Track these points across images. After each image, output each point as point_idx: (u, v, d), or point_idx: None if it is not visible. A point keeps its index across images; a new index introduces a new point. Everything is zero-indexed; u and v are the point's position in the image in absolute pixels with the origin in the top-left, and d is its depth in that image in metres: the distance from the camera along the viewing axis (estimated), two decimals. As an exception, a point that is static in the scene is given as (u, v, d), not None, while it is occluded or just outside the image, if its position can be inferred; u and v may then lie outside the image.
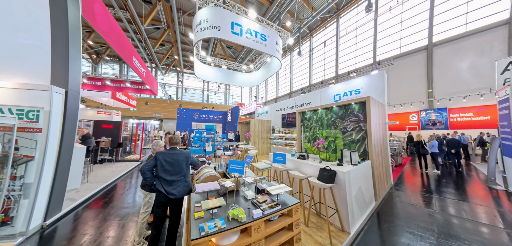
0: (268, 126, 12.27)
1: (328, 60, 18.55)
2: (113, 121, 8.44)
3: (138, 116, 27.90)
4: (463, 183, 5.96)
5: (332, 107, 5.43)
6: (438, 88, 12.08)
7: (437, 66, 12.08)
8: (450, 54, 11.67)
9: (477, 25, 10.93)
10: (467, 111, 11.13)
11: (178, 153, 2.41)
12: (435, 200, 4.64)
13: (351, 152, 3.74)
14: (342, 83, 7.80)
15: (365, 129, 4.64)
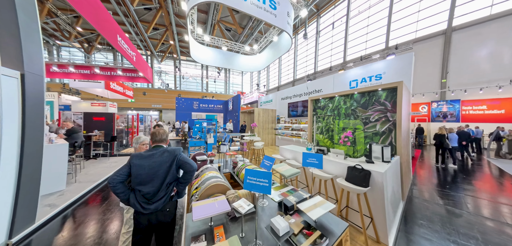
0: (272, 115, 11.70)
1: (336, 44, 17.53)
2: (105, 113, 7.84)
3: (137, 108, 27.30)
4: (486, 179, 5.56)
5: (353, 94, 4.83)
6: (453, 78, 11.39)
7: (455, 53, 11.26)
8: (469, 40, 10.81)
9: (503, 7, 9.95)
10: (481, 104, 10.66)
11: (161, 154, 1.74)
12: (463, 199, 4.22)
13: (383, 147, 3.20)
14: (360, 67, 7.09)
15: (392, 119, 4.08)
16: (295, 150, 4.44)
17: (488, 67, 10.32)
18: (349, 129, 5.01)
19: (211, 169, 2.65)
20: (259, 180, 1.46)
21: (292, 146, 4.95)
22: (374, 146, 3.34)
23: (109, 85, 11.35)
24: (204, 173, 2.45)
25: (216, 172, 2.51)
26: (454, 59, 11.33)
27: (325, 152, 3.83)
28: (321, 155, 2.18)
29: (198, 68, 30.32)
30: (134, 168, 1.62)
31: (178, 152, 1.78)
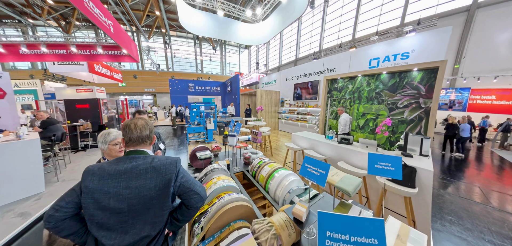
0: (276, 97, 11.20)
1: (345, 17, 16.16)
2: (89, 99, 7.20)
3: (129, 93, 26.21)
4: (496, 170, 5.46)
5: (380, 74, 4.36)
6: (468, 64, 10.67)
7: (475, 35, 10.35)
8: (492, 20, 9.89)
9: None
10: (490, 94, 10.36)
11: (141, 174, 0.98)
12: (482, 192, 4.03)
13: (423, 138, 2.82)
14: (383, 43, 6.44)
15: (425, 106, 3.68)
16: (311, 137, 4.05)
17: (508, 53, 9.71)
18: (369, 116, 4.60)
19: (219, 172, 1.98)
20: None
21: (305, 133, 4.56)
22: (411, 136, 2.96)
23: (93, 68, 10.46)
24: (211, 180, 1.72)
25: (227, 177, 1.90)
26: (473, 42, 10.52)
27: (350, 141, 3.45)
28: (399, 158, 1.64)
29: (191, 45, 28.82)
30: (87, 198, 0.90)
31: (174, 169, 1.03)
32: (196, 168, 2.56)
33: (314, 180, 1.38)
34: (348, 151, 3.20)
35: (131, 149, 1.06)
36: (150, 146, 1.15)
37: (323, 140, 3.80)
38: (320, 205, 1.61)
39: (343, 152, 3.29)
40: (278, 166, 2.01)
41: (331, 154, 3.55)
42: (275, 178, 1.83)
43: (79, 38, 8.50)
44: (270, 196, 1.80)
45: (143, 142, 1.08)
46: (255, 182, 2.09)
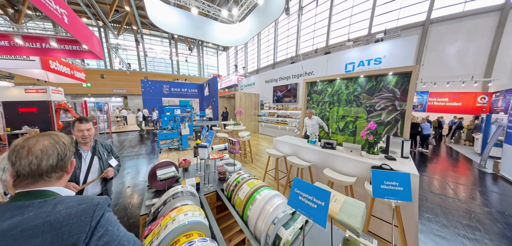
0: (255, 100, 10.95)
1: (319, 25, 16.97)
2: (38, 101, 6.00)
3: (96, 94, 23.50)
4: (460, 166, 6.04)
5: (358, 78, 4.35)
6: (426, 71, 12.17)
7: (430, 46, 11.93)
8: (443, 35, 11.55)
9: (473, 5, 10.75)
10: (444, 97, 11.93)
11: (31, 231, 0.54)
12: (448, 185, 4.34)
13: (404, 140, 2.78)
14: (358, 49, 6.70)
15: (400, 108, 3.74)
16: (293, 142, 3.84)
17: (455, 63, 11.40)
18: (348, 118, 4.56)
19: (184, 197, 1.49)
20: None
21: (287, 137, 4.35)
22: (393, 139, 2.91)
23: (48, 65, 8.92)
24: (169, 214, 1.23)
25: (193, 205, 1.38)
26: (429, 52, 12.05)
27: (334, 146, 3.30)
28: (407, 176, 1.31)
29: (166, 45, 27.22)
30: None
31: (86, 224, 0.59)
32: (157, 189, 2.06)
33: (311, 216, 0.99)
34: (332, 156, 3.03)
35: (20, 191, 0.63)
36: (62, 180, 0.72)
37: (306, 145, 3.61)
38: (314, 238, 1.29)
39: (327, 157, 3.12)
40: (260, 185, 1.65)
41: (315, 159, 3.36)
42: (256, 202, 1.46)
43: (32, 29, 7.13)
44: (249, 230, 1.39)
45: (42, 177, 0.66)
46: (230, 208, 1.67)
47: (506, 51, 10.22)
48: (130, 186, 4.07)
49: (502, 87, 9.89)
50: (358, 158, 2.75)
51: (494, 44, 10.45)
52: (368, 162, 2.56)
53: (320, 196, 0.99)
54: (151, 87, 17.21)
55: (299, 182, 1.10)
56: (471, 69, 11.07)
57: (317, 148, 3.36)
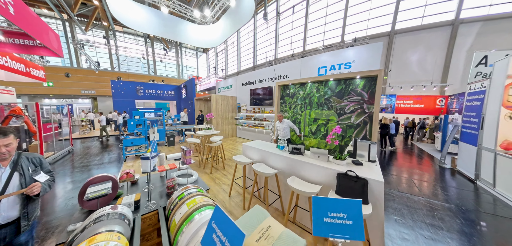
0: (233, 103, 10.59)
1: (296, 31, 17.39)
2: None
3: (60, 95, 21.06)
4: (423, 163, 6.42)
5: (328, 81, 4.26)
6: (392, 76, 13.33)
7: (395, 54, 13.10)
8: (406, 44, 12.77)
9: (429, 20, 12.09)
10: (409, 99, 13.10)
11: None
12: (413, 182, 4.46)
13: (371, 144, 2.67)
14: (329, 54, 6.79)
15: (368, 111, 3.71)
16: (262, 148, 3.58)
17: (417, 69, 12.71)
18: (320, 121, 4.48)
19: (109, 221, 1.20)
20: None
21: (257, 142, 4.08)
22: (360, 142, 2.78)
23: None
24: None
25: (115, 233, 1.10)
26: (395, 59, 13.25)
27: (301, 151, 3.10)
28: (358, 204, 0.99)
29: (141, 44, 25.59)
30: None
31: None
32: (89, 210, 1.70)
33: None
34: (299, 163, 2.81)
35: None
36: None
37: (274, 151, 3.36)
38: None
39: (295, 164, 2.89)
40: (204, 203, 1.34)
41: (282, 166, 3.12)
42: (192, 224, 1.15)
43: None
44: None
45: None
46: (163, 231, 1.33)
47: (458, 61, 11.58)
48: (68, 204, 3.44)
49: (455, 92, 11.15)
50: (325, 164, 2.56)
51: (448, 54, 11.74)
52: (334, 168, 2.37)
53: (233, 237, 0.71)
54: (123, 89, 15.85)
55: (218, 214, 0.82)
56: (430, 75, 12.28)
57: (285, 154, 3.13)
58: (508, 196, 3.72)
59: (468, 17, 11.15)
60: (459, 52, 11.50)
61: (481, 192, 4.07)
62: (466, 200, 3.70)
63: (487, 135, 4.35)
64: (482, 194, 3.98)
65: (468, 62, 10.41)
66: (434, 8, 12.04)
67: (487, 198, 3.84)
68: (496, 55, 4.84)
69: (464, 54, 11.36)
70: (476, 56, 5.25)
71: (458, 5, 11.22)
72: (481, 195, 3.95)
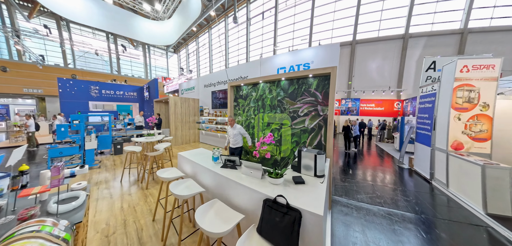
0: (195, 106, 9.56)
1: (266, 36, 17.24)
2: None
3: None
4: (384, 164, 6.40)
5: (280, 80, 3.67)
6: (356, 81, 14.04)
7: (357, 62, 13.85)
8: (366, 53, 13.61)
9: (385, 33, 13.16)
10: (371, 103, 13.81)
11: None
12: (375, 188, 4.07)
13: (317, 154, 2.07)
14: (289, 54, 6.34)
15: (323, 114, 3.19)
16: (195, 159, 2.79)
17: (376, 76, 13.56)
18: (274, 125, 3.88)
19: None
20: None
21: (195, 152, 3.30)
22: (305, 153, 2.17)
23: None
24: None
25: None
26: (357, 66, 13.99)
27: (236, 164, 2.39)
28: None
29: (102, 39, 22.74)
30: None
31: None
32: None
33: None
34: (229, 181, 2.08)
35: None
36: None
37: (207, 163, 2.61)
38: None
39: (224, 182, 2.16)
40: None
41: (211, 184, 2.37)
42: None
43: None
44: None
45: None
46: None
47: (410, 69, 12.65)
48: None
49: (409, 96, 12.18)
50: (256, 183, 1.87)
51: (401, 63, 12.77)
52: (262, 191, 1.69)
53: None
54: (73, 88, 13.52)
55: None
56: (388, 81, 13.19)
57: (216, 168, 2.38)
58: (460, 196, 3.60)
59: (415, 32, 12.38)
60: (410, 62, 12.59)
61: (436, 193, 3.94)
62: (423, 205, 3.40)
63: (439, 135, 4.29)
64: (438, 196, 3.84)
65: (418, 70, 11.36)
66: (388, 23, 13.16)
67: (442, 199, 3.70)
68: (443, 60, 4.89)
69: (414, 64, 12.44)
70: (426, 61, 5.30)
71: (406, 22, 12.44)
72: (437, 197, 3.79)
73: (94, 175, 5.14)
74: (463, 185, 3.61)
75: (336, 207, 3.30)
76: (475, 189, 3.25)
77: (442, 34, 11.81)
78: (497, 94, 3.63)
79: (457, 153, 3.80)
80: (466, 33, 11.35)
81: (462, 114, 3.83)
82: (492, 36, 11.07)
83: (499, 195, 3.01)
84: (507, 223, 2.82)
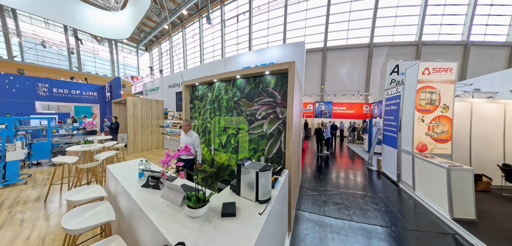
0: (159, 108, 8.58)
1: (241, 39, 16.92)
2: None
3: None
4: (353, 167, 6.32)
5: (236, 78, 3.15)
6: (328, 85, 14.60)
7: (328, 67, 14.44)
8: (337, 59, 14.27)
9: (352, 41, 13.98)
10: (343, 106, 14.52)
11: None
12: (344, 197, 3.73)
13: (259, 172, 1.55)
14: (254, 52, 5.94)
15: (282, 117, 2.74)
16: (119, 177, 2.10)
17: (347, 81, 14.23)
18: (230, 130, 3.33)
19: None
20: None
21: (128, 164, 2.59)
22: (245, 168, 1.65)
23: None
24: None
25: None
26: (328, 71, 14.55)
27: (160, 182, 1.77)
28: None
29: (58, 30, 19.92)
30: None
31: None
32: None
33: None
34: (140, 209, 1.46)
35: None
36: None
37: (130, 181, 1.94)
38: None
39: (136, 210, 1.53)
40: None
41: (126, 210, 1.73)
42: None
43: None
44: None
45: None
46: None
47: (375, 74, 13.46)
48: None
49: (376, 99, 13.00)
50: (164, 216, 1.28)
51: (368, 69, 13.52)
52: (162, 232, 1.11)
53: None
54: (14, 85, 11.37)
55: None
56: (357, 85, 13.88)
57: (134, 189, 1.74)
58: (426, 200, 3.49)
59: (379, 42, 13.36)
60: (375, 69, 13.47)
61: (404, 197, 3.82)
62: (392, 214, 3.14)
63: (404, 137, 4.22)
64: (405, 200, 3.71)
65: (383, 76, 12.08)
66: (355, 33, 14.02)
67: (410, 203, 3.56)
68: (405, 64, 4.94)
69: (379, 70, 13.30)
70: (390, 64, 5.34)
71: (371, 33, 13.35)
72: (404, 201, 3.66)
73: (14, 193, 4.06)
74: (428, 188, 3.51)
75: (300, 225, 2.87)
76: (440, 192, 3.14)
77: (401, 44, 12.98)
78: (454, 96, 3.63)
79: (422, 155, 3.73)
80: (420, 45, 12.59)
81: (425, 116, 3.80)
82: (441, 49, 12.46)
83: (463, 197, 2.92)
84: (472, 228, 2.71)
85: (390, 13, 13.09)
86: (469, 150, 4.41)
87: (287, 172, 2.41)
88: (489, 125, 4.31)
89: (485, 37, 12.59)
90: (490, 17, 12.43)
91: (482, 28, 12.61)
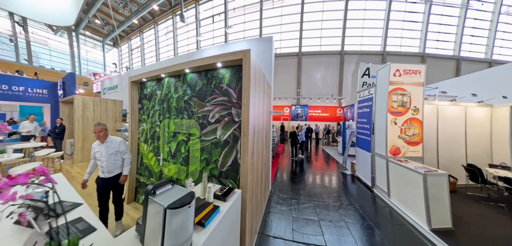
0: (116, 109, 7.44)
1: (217, 40, 16.31)
2: None
3: None
4: (327, 172, 6.07)
5: (186, 73, 2.54)
6: (303, 89, 14.86)
7: (304, 71, 14.73)
8: (311, 64, 14.62)
9: (325, 48, 14.51)
10: (318, 109, 14.85)
11: None
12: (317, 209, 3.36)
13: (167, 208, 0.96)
14: (218, 47, 5.38)
15: (239, 120, 2.20)
16: None
17: (321, 85, 14.62)
18: (181, 136, 2.71)
19: None
20: None
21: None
22: (153, 200, 1.04)
23: None
24: None
25: None
26: (304, 76, 14.81)
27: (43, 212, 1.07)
28: None
29: (4, 15, 16.85)
30: None
31: None
32: None
33: None
34: None
35: None
36: None
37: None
38: None
39: None
40: None
41: None
42: None
43: None
44: None
45: None
46: None
47: (347, 80, 14.04)
48: None
49: (348, 103, 13.41)
50: None
51: (340, 75, 14.00)
52: None
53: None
54: None
55: None
56: (331, 89, 14.29)
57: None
58: (402, 208, 3.27)
59: (349, 50, 14.09)
60: (347, 74, 14.06)
61: (379, 204, 3.60)
62: (368, 230, 2.80)
63: (378, 140, 4.04)
64: (381, 208, 3.48)
65: (354, 81, 12.77)
66: (328, 40, 14.58)
67: (385, 212, 3.32)
68: (376, 66, 4.85)
69: (350, 76, 13.94)
70: (361, 67, 5.27)
71: (341, 41, 14.07)
72: (380, 210, 3.42)
73: None
74: (404, 194, 3.30)
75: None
76: (417, 200, 2.92)
77: (369, 54, 13.89)
78: (423, 99, 3.51)
79: (395, 159, 3.54)
80: (385, 55, 13.61)
81: (397, 118, 3.65)
82: (403, 58, 13.58)
83: (440, 204, 2.73)
84: (451, 239, 2.49)
85: (358, 25, 14.05)
86: (437, 151, 4.43)
87: (239, 193, 1.86)
88: (454, 126, 4.38)
89: (437, 51, 14.23)
90: (440, 34, 14.18)
91: (434, 43, 14.27)
